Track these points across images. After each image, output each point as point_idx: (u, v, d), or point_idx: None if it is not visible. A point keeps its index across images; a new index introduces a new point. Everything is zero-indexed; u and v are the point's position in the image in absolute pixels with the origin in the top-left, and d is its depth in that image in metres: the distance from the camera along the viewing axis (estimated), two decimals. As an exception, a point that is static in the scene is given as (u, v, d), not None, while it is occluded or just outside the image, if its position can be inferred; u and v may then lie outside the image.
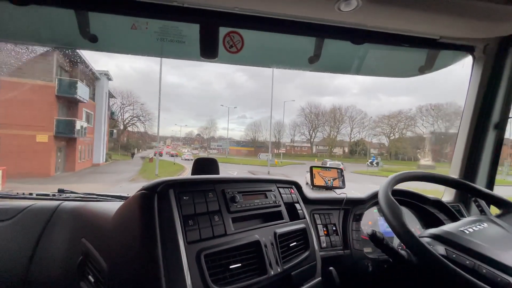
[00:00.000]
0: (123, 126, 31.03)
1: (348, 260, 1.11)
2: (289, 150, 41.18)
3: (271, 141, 37.80)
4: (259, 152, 32.49)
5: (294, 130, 42.12)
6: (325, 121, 40.83)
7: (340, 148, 39.90)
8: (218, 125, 47.84)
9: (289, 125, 43.07)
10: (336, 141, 39.63)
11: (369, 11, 0.94)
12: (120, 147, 28.37)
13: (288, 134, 42.25)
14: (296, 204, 1.00)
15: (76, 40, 1.10)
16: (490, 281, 0.61)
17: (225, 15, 1.01)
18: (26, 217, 1.04)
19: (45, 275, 0.96)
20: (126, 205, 0.78)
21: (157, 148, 19.87)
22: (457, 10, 0.93)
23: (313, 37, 1.18)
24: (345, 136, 39.98)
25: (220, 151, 38.54)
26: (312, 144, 40.97)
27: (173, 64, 70.44)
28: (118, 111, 30.41)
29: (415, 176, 0.97)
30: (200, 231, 0.69)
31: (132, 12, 1.01)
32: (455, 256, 0.67)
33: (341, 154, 39.08)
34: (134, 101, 31.53)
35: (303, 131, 41.68)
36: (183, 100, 57.54)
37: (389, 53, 1.37)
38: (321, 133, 41.18)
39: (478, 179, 1.35)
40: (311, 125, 41.68)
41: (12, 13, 1.02)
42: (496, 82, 1.25)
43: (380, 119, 37.97)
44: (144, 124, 32.06)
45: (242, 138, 43.81)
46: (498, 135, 1.30)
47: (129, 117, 31.62)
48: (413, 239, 0.68)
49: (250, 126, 44.54)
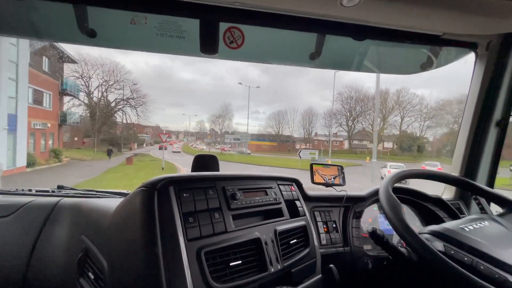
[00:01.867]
0: (107, 112, 21.80)
1: (348, 257, 1.11)
2: (317, 145, 32.11)
3: (294, 135, 32.66)
4: (281, 147, 27.80)
5: (329, 120, 32.09)
6: (367, 108, 30.79)
7: (380, 143, 28.74)
8: (231, 118, 40.10)
9: (322, 115, 34.57)
10: (382, 134, 28.73)
11: (372, 6, 0.92)
12: (102, 141, 20.52)
13: (319, 126, 33.84)
14: (296, 201, 1.00)
15: (74, 35, 1.09)
16: (487, 277, 0.61)
17: (225, 10, 1.00)
18: (26, 214, 1.03)
19: (45, 272, 0.96)
20: (126, 202, 0.77)
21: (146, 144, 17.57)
22: (460, 6, 0.91)
23: (315, 33, 1.17)
24: (392, 128, 29.55)
25: (234, 147, 31.19)
26: (351, 138, 31.94)
27: (187, 60, 69.89)
28: (88, 88, 20.71)
29: (416, 173, 0.97)
30: (200, 228, 0.69)
31: (131, 7, 0.99)
32: (453, 253, 0.67)
33: (381, 150, 28.50)
34: (121, 78, 21.82)
35: (341, 121, 32.41)
36: (196, 95, 57.42)
37: (390, 50, 1.36)
38: (360, 123, 31.90)
39: (479, 177, 1.35)
40: (350, 113, 31.89)
41: (10, 8, 1.01)
42: (499, 79, 1.24)
43: (440, 106, 26.17)
44: (136, 109, 21.88)
45: (260, 132, 36.81)
46: (500, 132, 1.29)
47: (114, 101, 21.99)
48: (411, 234, 0.68)
49: (274, 116, 37.60)
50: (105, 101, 21.72)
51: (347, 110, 31.89)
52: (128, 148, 21.54)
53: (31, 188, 1.21)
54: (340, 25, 1.07)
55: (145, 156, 19.86)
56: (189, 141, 37.98)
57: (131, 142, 23.76)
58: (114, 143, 20.62)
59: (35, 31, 1.14)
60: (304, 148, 30.83)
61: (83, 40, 1.10)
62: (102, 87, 21.49)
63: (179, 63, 60.85)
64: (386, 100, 29.21)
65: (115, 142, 20.87)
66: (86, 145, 19.63)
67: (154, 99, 31.26)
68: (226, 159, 21.29)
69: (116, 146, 20.32)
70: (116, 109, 21.98)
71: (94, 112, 20.81)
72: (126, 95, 22.01)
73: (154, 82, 53.36)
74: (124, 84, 21.81)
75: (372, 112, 29.35)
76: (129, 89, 22.09)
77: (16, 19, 1.06)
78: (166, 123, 28.41)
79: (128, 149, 21.51)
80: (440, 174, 0.97)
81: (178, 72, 59.55)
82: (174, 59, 65.55)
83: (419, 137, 28.36)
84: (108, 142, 20.50)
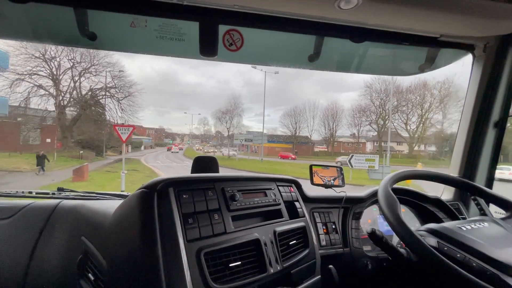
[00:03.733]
0: (80, 104, 15.57)
1: (347, 258, 1.11)
2: (336, 147, 27.10)
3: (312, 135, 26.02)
4: (298, 150, 22.02)
5: (358, 117, 24.89)
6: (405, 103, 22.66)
7: (399, 145, 24.20)
8: (241, 114, 30.92)
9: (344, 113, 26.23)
10: (422, 135, 22.32)
11: (369, 9, 0.93)
12: (77, 143, 15.13)
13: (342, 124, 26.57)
14: (295, 203, 1.00)
15: (75, 38, 1.10)
16: (479, 274, 0.61)
17: (224, 13, 1.01)
18: (26, 216, 1.04)
19: (45, 274, 0.96)
20: (125, 203, 0.78)
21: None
22: (458, 8, 0.92)
23: (313, 35, 1.18)
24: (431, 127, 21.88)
25: (242, 149, 24.83)
26: (381, 139, 23.63)
27: (192, 64, 69.83)
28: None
29: (415, 174, 0.97)
30: (200, 229, 0.70)
31: (131, 10, 1.00)
32: (446, 249, 0.68)
33: (401, 152, 23.71)
34: (100, 62, 15.27)
35: (370, 119, 24.60)
36: (202, 99, 57.45)
37: (389, 51, 1.37)
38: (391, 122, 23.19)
39: (477, 178, 1.35)
40: (382, 109, 23.83)
41: (11, 11, 1.02)
42: (496, 80, 1.25)
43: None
44: (120, 102, 15.62)
45: (269, 132, 28.20)
46: (498, 133, 1.30)
47: (90, 90, 15.73)
48: (404, 229, 0.69)
49: (290, 113, 28.60)
50: (77, 91, 15.53)
51: (379, 106, 24.11)
52: (118, 152, 16.78)
53: (31, 190, 1.21)
54: (338, 27, 1.08)
55: (131, 163, 14.66)
56: (193, 144, 34.31)
57: (121, 145, 18.51)
58: (94, 145, 15.42)
59: (36, 34, 1.15)
60: (323, 149, 26.62)
61: (83, 43, 1.12)
62: (74, 73, 15.04)
63: (184, 66, 61.21)
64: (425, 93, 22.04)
65: (95, 145, 15.52)
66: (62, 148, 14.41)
67: (143, 89, 24.13)
68: (235, 165, 16.87)
69: (96, 149, 15.30)
70: (92, 102, 15.86)
71: (62, 105, 14.88)
72: (108, 84, 15.72)
73: (160, 86, 53.52)
74: (107, 71, 15.51)
75: (406, 108, 22.40)
76: (110, 76, 15.71)
77: (17, 22, 1.07)
78: (172, 126, 27.25)
79: (117, 153, 16.83)
80: (440, 175, 0.97)
81: (184, 75, 59.87)
82: (179, 63, 65.81)
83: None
84: (83, 144, 15.21)
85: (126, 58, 48.30)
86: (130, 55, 35.64)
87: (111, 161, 14.43)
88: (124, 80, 16.03)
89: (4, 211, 1.04)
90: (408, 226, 0.69)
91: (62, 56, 14.77)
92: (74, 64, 15.16)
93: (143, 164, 15.11)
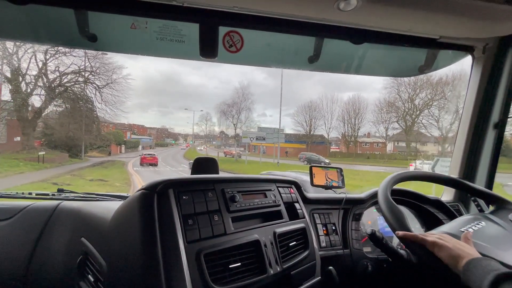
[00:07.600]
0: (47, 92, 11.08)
1: (347, 259, 1.11)
2: (351, 148, 22.98)
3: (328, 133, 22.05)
4: (313, 151, 18.55)
5: (385, 112, 20.47)
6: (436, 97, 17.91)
7: (424, 145, 19.90)
8: (251, 107, 23.98)
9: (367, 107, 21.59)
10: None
11: (369, 10, 0.93)
12: (49, 141, 11.56)
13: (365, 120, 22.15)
14: (295, 204, 1.00)
15: (75, 40, 1.10)
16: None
17: (224, 14, 1.01)
18: (26, 217, 1.04)
19: (45, 275, 0.96)
20: (125, 204, 0.78)
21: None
22: (457, 10, 0.93)
23: (313, 36, 1.18)
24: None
25: (249, 150, 20.13)
26: (408, 139, 19.72)
27: (195, 65, 70.03)
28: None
29: (414, 176, 0.97)
30: (199, 231, 0.70)
31: (132, 12, 1.00)
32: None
33: (429, 152, 19.02)
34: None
35: (398, 114, 19.76)
36: (204, 99, 57.70)
37: (388, 53, 1.37)
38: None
39: (477, 179, 1.35)
40: (411, 104, 19.18)
41: (11, 13, 1.02)
42: (496, 82, 1.25)
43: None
44: (100, 91, 11.67)
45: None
46: (498, 134, 1.30)
47: (59, 75, 11.09)
48: (405, 229, 0.69)
49: (304, 108, 23.81)
50: (43, 76, 10.99)
51: (407, 100, 19.70)
52: (107, 153, 14.69)
53: (31, 191, 1.21)
54: (338, 29, 1.09)
55: (112, 167, 12.05)
56: (195, 146, 30.92)
57: (111, 145, 15.92)
58: (71, 145, 11.97)
59: (36, 35, 1.15)
60: (337, 150, 22.73)
61: (84, 45, 1.12)
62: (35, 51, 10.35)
63: (186, 67, 61.55)
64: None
65: (73, 144, 12.04)
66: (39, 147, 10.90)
67: (129, 74, 20.67)
68: (246, 171, 13.34)
69: (73, 149, 12.03)
70: (61, 88, 11.37)
71: (22, 92, 10.46)
72: (83, 67, 11.51)
73: (163, 86, 53.56)
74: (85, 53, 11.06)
75: (438, 103, 18.04)
76: (87, 59, 11.45)
77: (18, 23, 1.08)
78: (175, 126, 26.55)
79: (105, 153, 14.72)
80: (438, 176, 0.98)
81: (186, 76, 60.09)
82: (182, 64, 65.94)
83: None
84: (57, 143, 11.78)
85: (129, 59, 47.93)
86: (134, 57, 35.16)
87: (89, 164, 11.83)
88: (105, 62, 11.81)
89: (4, 212, 1.04)
90: (409, 227, 0.69)
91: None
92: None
93: (125, 169, 11.86)
